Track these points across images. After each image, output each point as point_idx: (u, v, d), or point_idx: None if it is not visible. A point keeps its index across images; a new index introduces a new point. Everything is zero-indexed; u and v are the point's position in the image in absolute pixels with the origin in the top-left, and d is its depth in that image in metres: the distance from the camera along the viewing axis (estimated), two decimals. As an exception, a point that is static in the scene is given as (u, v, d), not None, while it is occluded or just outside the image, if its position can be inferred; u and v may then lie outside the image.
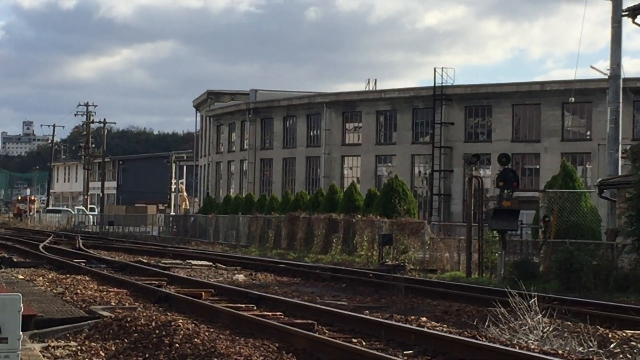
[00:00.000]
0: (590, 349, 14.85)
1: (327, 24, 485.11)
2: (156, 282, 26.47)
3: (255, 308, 20.36)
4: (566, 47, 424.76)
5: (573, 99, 50.65)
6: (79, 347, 14.77)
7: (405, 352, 14.59)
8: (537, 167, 73.31)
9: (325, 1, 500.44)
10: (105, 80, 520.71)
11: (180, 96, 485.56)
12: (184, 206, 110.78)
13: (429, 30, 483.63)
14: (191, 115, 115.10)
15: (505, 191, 32.55)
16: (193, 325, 16.11)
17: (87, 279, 27.98)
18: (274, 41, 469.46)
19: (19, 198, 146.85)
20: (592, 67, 38.66)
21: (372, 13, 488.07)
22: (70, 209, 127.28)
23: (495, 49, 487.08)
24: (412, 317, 18.81)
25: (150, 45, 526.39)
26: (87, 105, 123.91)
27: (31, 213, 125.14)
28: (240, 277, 31.94)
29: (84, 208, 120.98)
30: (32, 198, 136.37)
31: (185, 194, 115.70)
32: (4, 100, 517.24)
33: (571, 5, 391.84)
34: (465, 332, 16.50)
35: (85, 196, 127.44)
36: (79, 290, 23.66)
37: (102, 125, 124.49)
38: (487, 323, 16.61)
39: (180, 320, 16.26)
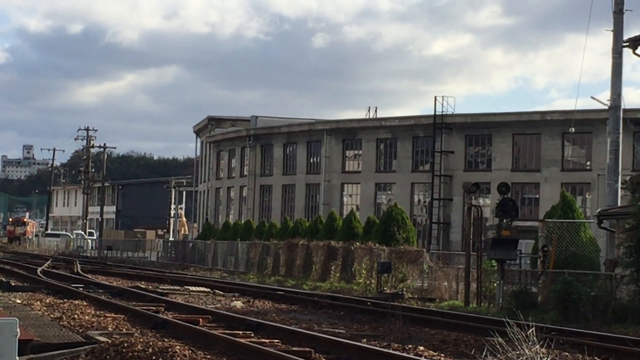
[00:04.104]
0: (588, 380, 14.80)
1: (333, 51, 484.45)
2: (154, 308, 26.43)
3: (252, 335, 20.32)
4: (570, 77, 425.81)
5: (573, 129, 50.67)
6: (75, 373, 14.74)
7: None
8: (537, 196, 73.34)
9: (332, 28, 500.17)
10: (108, 105, 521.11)
11: (182, 122, 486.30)
12: (182, 232, 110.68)
13: (435, 58, 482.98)
14: (193, 141, 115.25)
15: (505, 220, 32.53)
16: (190, 351, 16.06)
17: (85, 304, 27.93)
18: (279, 68, 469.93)
19: (10, 220, 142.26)
20: (592, 97, 38.61)
21: (379, 40, 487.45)
22: (69, 234, 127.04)
23: (499, 78, 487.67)
24: (410, 346, 18.76)
25: (155, 70, 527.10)
26: (87, 129, 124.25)
27: (30, 237, 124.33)
28: (238, 304, 31.87)
29: (82, 232, 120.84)
30: (25, 220, 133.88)
31: (184, 219, 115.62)
32: (6, 123, 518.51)
33: (576, 35, 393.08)
34: (463, 362, 16.45)
35: (84, 220, 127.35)
36: (76, 315, 23.62)
37: (102, 149, 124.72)
38: (484, 353, 16.53)
39: (178, 347, 16.22)
